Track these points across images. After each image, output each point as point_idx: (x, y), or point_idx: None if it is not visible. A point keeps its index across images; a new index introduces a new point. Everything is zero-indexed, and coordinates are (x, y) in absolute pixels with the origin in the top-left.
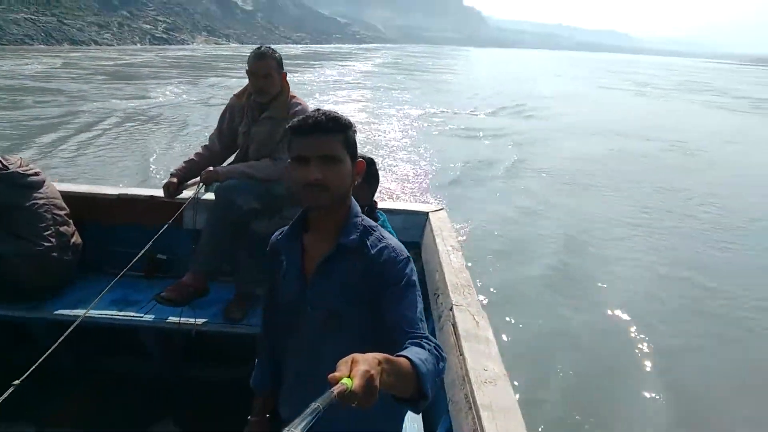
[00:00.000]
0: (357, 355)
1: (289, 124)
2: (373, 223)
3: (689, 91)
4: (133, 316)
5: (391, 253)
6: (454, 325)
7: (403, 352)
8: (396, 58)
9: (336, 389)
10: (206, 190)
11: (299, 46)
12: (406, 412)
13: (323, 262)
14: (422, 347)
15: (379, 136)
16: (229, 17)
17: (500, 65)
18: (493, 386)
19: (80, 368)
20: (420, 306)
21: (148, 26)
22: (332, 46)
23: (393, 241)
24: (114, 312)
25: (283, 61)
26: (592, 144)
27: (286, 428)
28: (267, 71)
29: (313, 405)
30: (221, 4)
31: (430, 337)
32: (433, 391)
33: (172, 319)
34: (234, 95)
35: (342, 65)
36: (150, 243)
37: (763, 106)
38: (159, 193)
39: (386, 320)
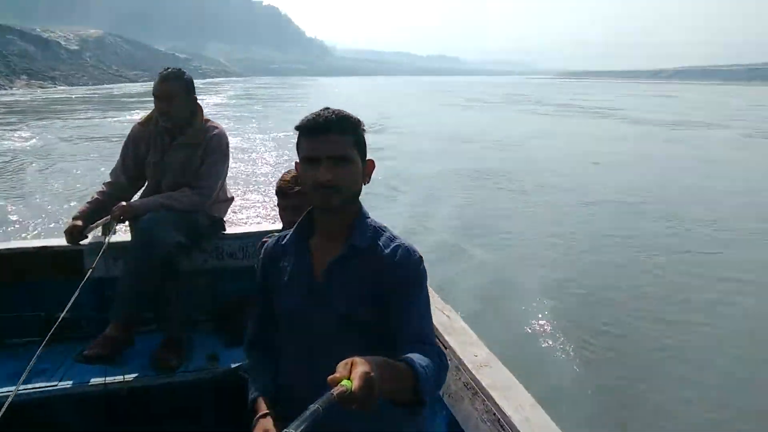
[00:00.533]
0: (357, 358)
1: (297, 124)
2: (382, 224)
3: (511, 103)
4: (45, 387)
5: (405, 252)
6: None
7: (405, 357)
8: (247, 90)
9: (335, 391)
10: (113, 233)
11: (137, 84)
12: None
13: (334, 264)
14: (425, 354)
15: (257, 157)
16: (52, 58)
17: (349, 91)
18: (489, 369)
19: None
20: (430, 305)
21: None
22: None
23: (404, 240)
24: (16, 387)
25: (124, 99)
26: (437, 146)
27: (285, 429)
28: (171, 94)
29: (313, 407)
30: (41, 45)
31: (437, 343)
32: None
33: (96, 381)
34: (137, 124)
35: None
36: (72, 300)
37: (563, 110)
38: (50, 242)
39: (399, 318)
